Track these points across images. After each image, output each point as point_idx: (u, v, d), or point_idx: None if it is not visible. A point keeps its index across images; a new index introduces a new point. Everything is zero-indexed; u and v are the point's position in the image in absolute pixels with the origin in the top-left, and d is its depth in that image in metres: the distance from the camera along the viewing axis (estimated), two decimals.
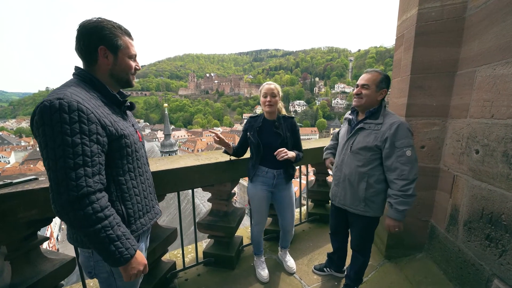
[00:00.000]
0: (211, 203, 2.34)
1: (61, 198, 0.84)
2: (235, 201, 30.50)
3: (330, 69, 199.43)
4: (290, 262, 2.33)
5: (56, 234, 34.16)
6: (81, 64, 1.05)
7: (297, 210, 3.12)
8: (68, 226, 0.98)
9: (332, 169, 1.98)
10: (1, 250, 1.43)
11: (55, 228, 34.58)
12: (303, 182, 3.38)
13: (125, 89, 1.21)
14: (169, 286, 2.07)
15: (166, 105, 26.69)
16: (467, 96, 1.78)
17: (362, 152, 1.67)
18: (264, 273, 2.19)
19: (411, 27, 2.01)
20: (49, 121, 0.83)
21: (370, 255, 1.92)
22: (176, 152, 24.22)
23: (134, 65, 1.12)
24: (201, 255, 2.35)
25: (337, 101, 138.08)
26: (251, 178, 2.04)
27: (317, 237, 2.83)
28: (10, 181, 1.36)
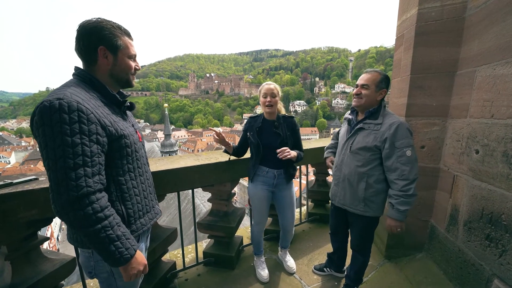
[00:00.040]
0: (211, 203, 2.34)
1: (61, 198, 0.85)
2: (235, 201, 30.50)
3: (330, 69, 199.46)
4: (290, 262, 2.33)
5: (56, 234, 34.21)
6: (81, 64, 1.05)
7: (297, 210, 3.12)
8: (68, 226, 0.98)
9: (332, 168, 1.98)
10: (1, 250, 1.43)
11: (56, 228, 34.63)
12: (303, 182, 3.38)
13: (125, 89, 1.21)
14: (169, 286, 2.07)
15: (166, 105, 26.71)
16: (467, 96, 1.78)
17: (362, 152, 1.67)
18: (264, 273, 2.19)
19: (411, 27, 2.01)
20: (49, 121, 0.83)
21: (370, 255, 1.92)
22: (176, 152, 24.24)
23: (134, 65, 1.12)
24: (201, 255, 2.35)
25: (337, 101, 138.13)
26: (252, 178, 2.04)
27: (317, 237, 2.83)
28: (10, 181, 1.37)
